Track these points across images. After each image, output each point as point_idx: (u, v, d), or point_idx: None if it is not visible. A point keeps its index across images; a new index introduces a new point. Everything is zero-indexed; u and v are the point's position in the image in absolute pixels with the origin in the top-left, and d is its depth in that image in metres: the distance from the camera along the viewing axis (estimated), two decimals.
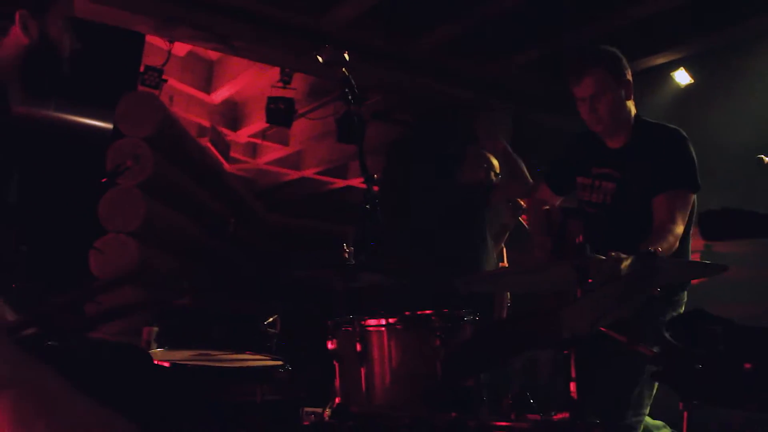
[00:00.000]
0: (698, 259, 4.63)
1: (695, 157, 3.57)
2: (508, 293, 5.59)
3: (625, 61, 3.70)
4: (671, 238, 3.30)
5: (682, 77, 7.05)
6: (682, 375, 1.86)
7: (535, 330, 2.11)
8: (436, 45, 7.26)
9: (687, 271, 3.24)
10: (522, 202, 5.89)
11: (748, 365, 1.65)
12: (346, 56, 3.79)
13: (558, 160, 4.16)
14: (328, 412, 3.58)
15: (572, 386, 2.40)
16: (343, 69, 3.80)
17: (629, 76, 3.71)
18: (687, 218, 3.46)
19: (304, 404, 3.53)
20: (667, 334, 1.83)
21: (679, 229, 3.37)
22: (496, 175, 5.77)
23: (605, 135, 3.78)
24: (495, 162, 5.80)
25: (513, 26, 6.92)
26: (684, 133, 3.62)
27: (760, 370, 1.65)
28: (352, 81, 3.82)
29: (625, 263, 2.04)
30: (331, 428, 2.32)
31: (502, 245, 6.12)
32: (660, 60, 7.17)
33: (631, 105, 3.74)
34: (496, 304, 5.51)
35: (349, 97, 3.84)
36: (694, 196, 3.57)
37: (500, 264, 5.98)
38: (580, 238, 2.53)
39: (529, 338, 2.24)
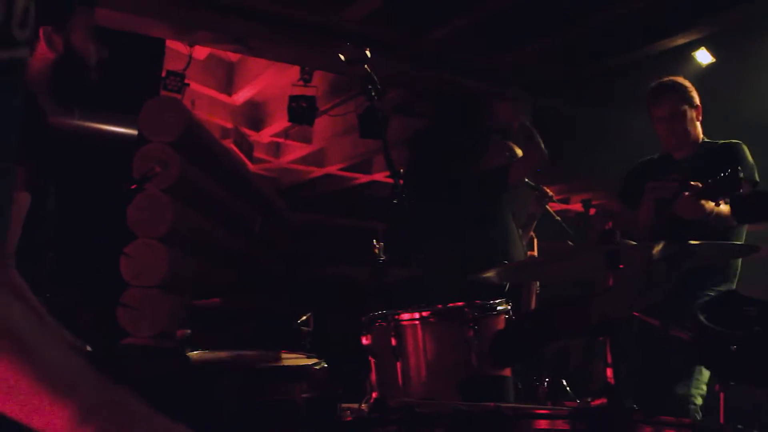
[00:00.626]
0: None
1: (751, 160, 4.11)
2: (538, 282, 5.61)
3: (695, 90, 4.44)
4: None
5: (703, 57, 7.00)
6: (719, 357, 1.87)
7: (572, 317, 2.12)
8: (449, 36, 7.26)
9: (718, 252, 3.25)
10: (548, 190, 5.90)
11: None
12: (368, 53, 3.80)
13: (628, 180, 4.68)
14: (364, 407, 3.61)
15: (609, 372, 2.42)
16: (365, 66, 3.81)
17: (698, 102, 4.41)
18: None
19: (341, 401, 3.55)
20: (702, 317, 1.84)
21: None
22: None
23: (675, 149, 4.44)
24: (518, 150, 5.82)
25: (529, 13, 6.90)
26: (740, 142, 4.20)
27: None
28: (374, 77, 3.84)
29: (657, 248, 2.06)
30: (374, 422, 2.36)
31: (532, 233, 6.13)
32: (680, 40, 7.13)
33: (699, 126, 4.41)
34: (524, 292, 5.52)
35: (372, 93, 3.85)
36: None
37: (529, 252, 5.99)
38: (609, 224, 2.54)
39: (566, 325, 2.25)
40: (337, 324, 4.75)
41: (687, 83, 4.48)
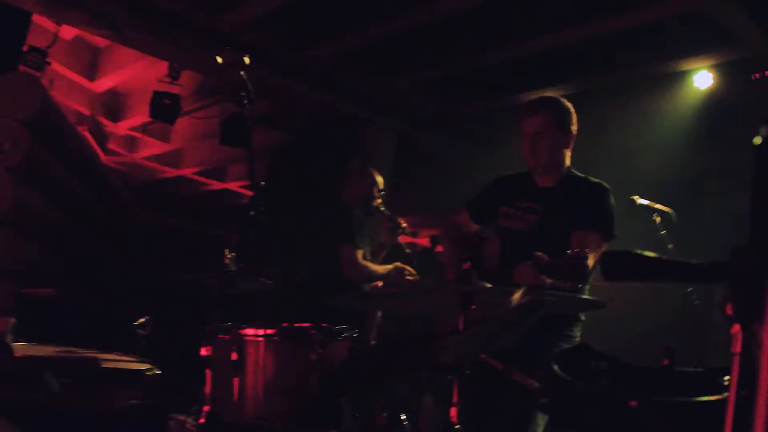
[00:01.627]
0: None
1: (614, 210, 3.84)
2: (379, 313, 5.62)
3: (575, 117, 4.00)
4: None
5: None
6: (566, 406, 1.90)
7: (420, 354, 2.12)
8: (330, 57, 7.28)
9: (569, 305, 3.31)
10: (401, 221, 5.94)
11: (633, 403, 1.70)
12: (246, 60, 3.74)
13: (483, 193, 4.32)
14: (192, 419, 3.51)
15: (453, 411, 2.44)
16: (242, 72, 3.75)
17: (574, 130, 4.00)
18: (598, 260, 3.54)
19: (172, 410, 3.44)
20: (555, 367, 1.87)
21: (590, 263, 3.46)
22: (379, 191, 5.80)
23: (537, 173, 4.03)
24: (379, 178, 5.84)
25: (407, 46, 7.00)
26: (607, 186, 3.90)
27: (644, 409, 1.71)
28: (249, 85, 3.77)
29: (516, 295, 2.08)
30: None
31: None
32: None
33: (568, 154, 4.01)
34: (367, 322, 5.53)
35: (244, 101, 3.79)
36: (606, 246, 3.73)
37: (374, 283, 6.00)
38: (467, 264, 2.55)
39: (413, 362, 2.25)
40: (176, 331, 4.62)
41: (568, 105, 4.04)
